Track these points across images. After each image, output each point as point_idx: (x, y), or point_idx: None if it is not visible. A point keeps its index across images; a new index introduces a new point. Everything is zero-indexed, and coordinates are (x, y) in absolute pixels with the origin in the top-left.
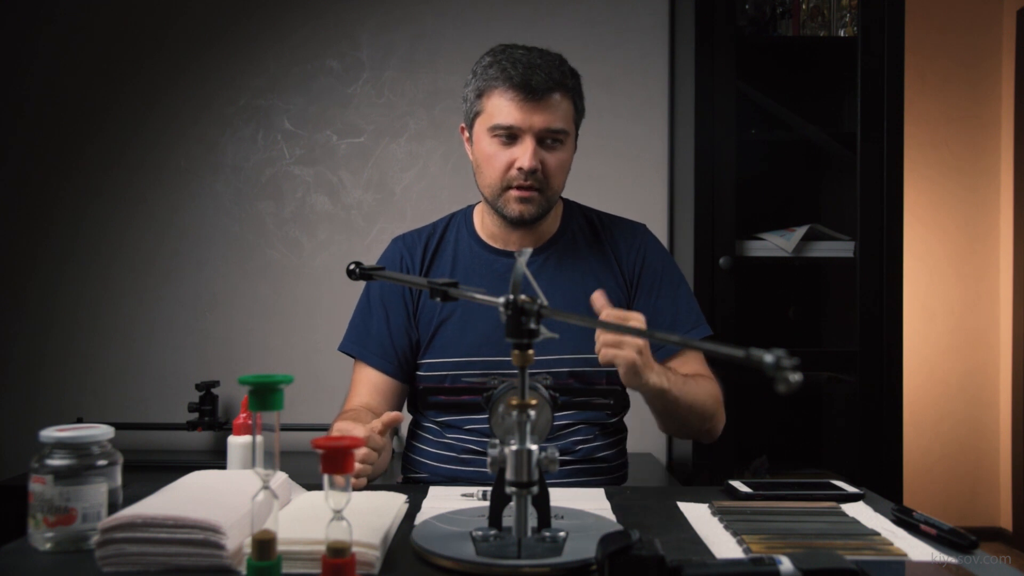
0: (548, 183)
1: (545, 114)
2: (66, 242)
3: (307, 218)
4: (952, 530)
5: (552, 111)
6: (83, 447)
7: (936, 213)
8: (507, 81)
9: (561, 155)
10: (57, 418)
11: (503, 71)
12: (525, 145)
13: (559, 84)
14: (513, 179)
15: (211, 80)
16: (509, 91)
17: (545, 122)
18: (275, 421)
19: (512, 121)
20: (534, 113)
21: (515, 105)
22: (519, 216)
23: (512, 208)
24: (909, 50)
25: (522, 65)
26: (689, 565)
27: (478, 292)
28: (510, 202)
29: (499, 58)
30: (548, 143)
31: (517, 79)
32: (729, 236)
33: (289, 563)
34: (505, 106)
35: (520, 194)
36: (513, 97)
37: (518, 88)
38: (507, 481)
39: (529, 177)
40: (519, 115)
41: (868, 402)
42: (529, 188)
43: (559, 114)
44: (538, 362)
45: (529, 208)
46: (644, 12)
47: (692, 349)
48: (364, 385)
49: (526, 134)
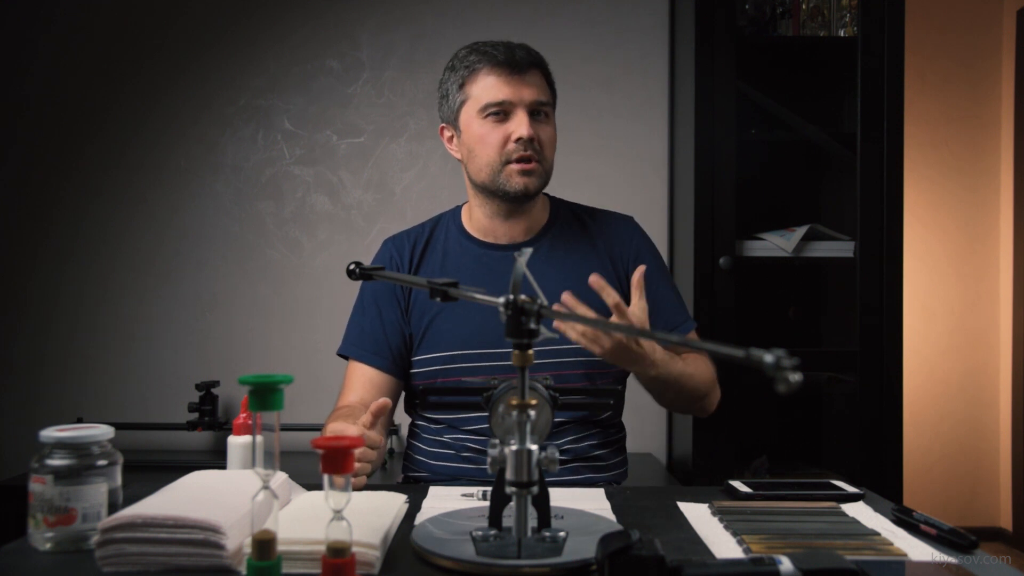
0: (544, 155)
1: (532, 87)
2: (66, 242)
3: (307, 218)
4: (952, 530)
5: (536, 85)
6: (83, 447)
7: (936, 213)
8: (491, 61)
9: (550, 128)
10: (57, 418)
11: (484, 54)
12: (519, 117)
13: (537, 62)
14: (512, 152)
15: (211, 80)
16: (495, 69)
17: (533, 94)
18: (275, 421)
19: (503, 96)
20: (522, 87)
21: (503, 80)
22: (523, 189)
23: (516, 182)
24: (909, 50)
25: (501, 46)
26: (689, 565)
27: (478, 292)
28: (512, 176)
29: (475, 47)
30: (537, 116)
31: (501, 57)
32: (729, 236)
33: (289, 563)
34: (493, 84)
35: (521, 167)
36: (500, 74)
37: (503, 65)
38: (507, 481)
39: (528, 147)
40: (509, 89)
41: (868, 402)
42: (529, 160)
43: (542, 89)
44: (543, 351)
45: (532, 180)
46: (644, 12)
47: (693, 349)
48: (358, 380)
49: (518, 107)
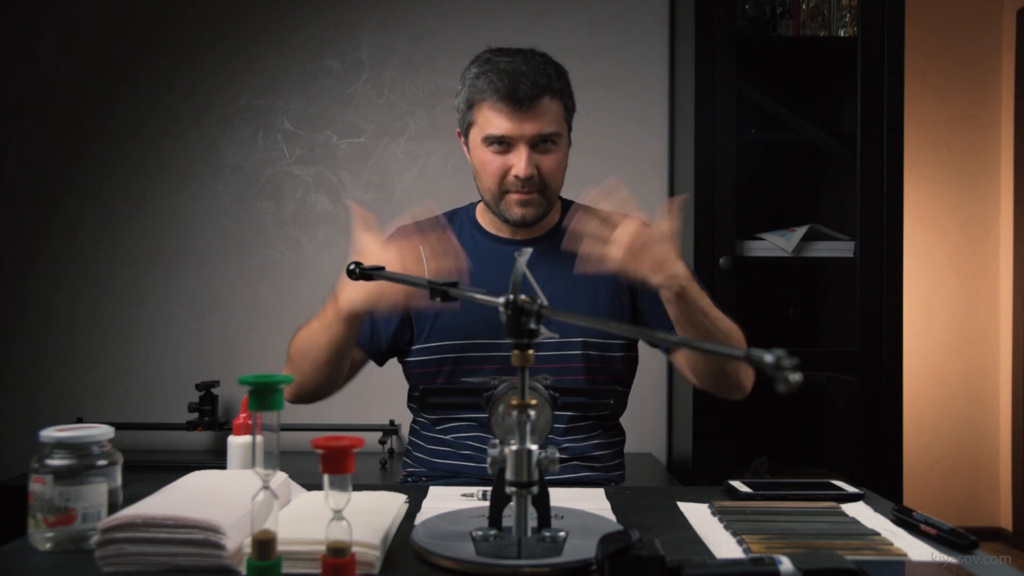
0: (546, 184)
1: (535, 121)
2: (66, 242)
3: (307, 218)
4: (952, 530)
5: (541, 117)
6: (83, 447)
7: (936, 213)
8: (495, 93)
9: (556, 156)
10: (57, 418)
11: (490, 83)
12: (519, 153)
13: (545, 88)
14: (511, 185)
15: (211, 80)
16: (497, 103)
17: (536, 128)
18: (275, 421)
19: (503, 132)
20: (524, 122)
21: (504, 116)
22: (521, 219)
23: (513, 212)
24: (909, 50)
25: (507, 76)
26: (689, 565)
27: (478, 291)
28: (511, 206)
29: (484, 69)
30: (542, 147)
31: (504, 91)
32: (729, 236)
33: (289, 563)
34: (495, 118)
35: (520, 197)
36: (502, 108)
37: (506, 99)
38: (507, 481)
39: (526, 184)
40: (509, 125)
41: (868, 402)
42: (528, 192)
43: (549, 118)
44: (545, 351)
45: (530, 210)
46: (644, 12)
47: (693, 349)
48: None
49: (519, 142)
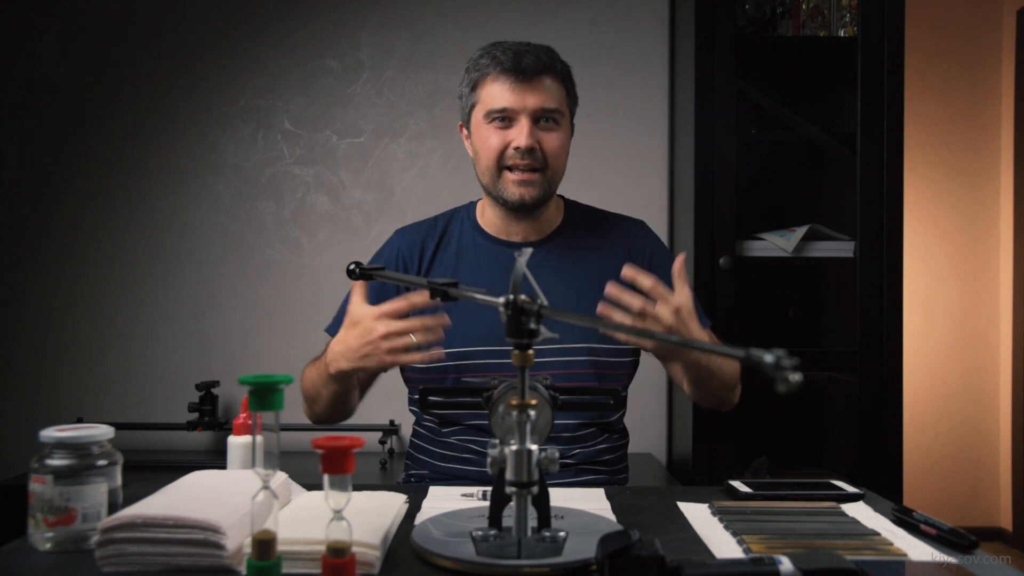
0: (548, 163)
1: (537, 94)
2: (66, 242)
3: (307, 218)
4: (952, 530)
5: (544, 92)
6: (83, 447)
7: (936, 213)
8: (498, 67)
9: (558, 135)
10: (57, 418)
11: (494, 59)
12: (520, 126)
13: (549, 68)
14: (509, 159)
15: (211, 80)
16: (500, 76)
17: (538, 102)
18: (275, 421)
19: (505, 103)
20: (527, 94)
21: (507, 87)
22: (519, 199)
23: (511, 191)
24: (909, 50)
25: (511, 51)
26: (689, 565)
27: (478, 292)
28: (508, 185)
29: (489, 49)
30: (543, 123)
31: (507, 63)
32: (729, 236)
33: (289, 563)
34: (498, 90)
35: (518, 176)
36: (505, 80)
37: (509, 71)
38: (507, 481)
39: (526, 156)
40: (512, 97)
41: (868, 402)
42: (528, 169)
43: (552, 95)
44: (550, 351)
45: (530, 191)
46: (644, 12)
47: (693, 349)
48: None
49: (520, 115)
